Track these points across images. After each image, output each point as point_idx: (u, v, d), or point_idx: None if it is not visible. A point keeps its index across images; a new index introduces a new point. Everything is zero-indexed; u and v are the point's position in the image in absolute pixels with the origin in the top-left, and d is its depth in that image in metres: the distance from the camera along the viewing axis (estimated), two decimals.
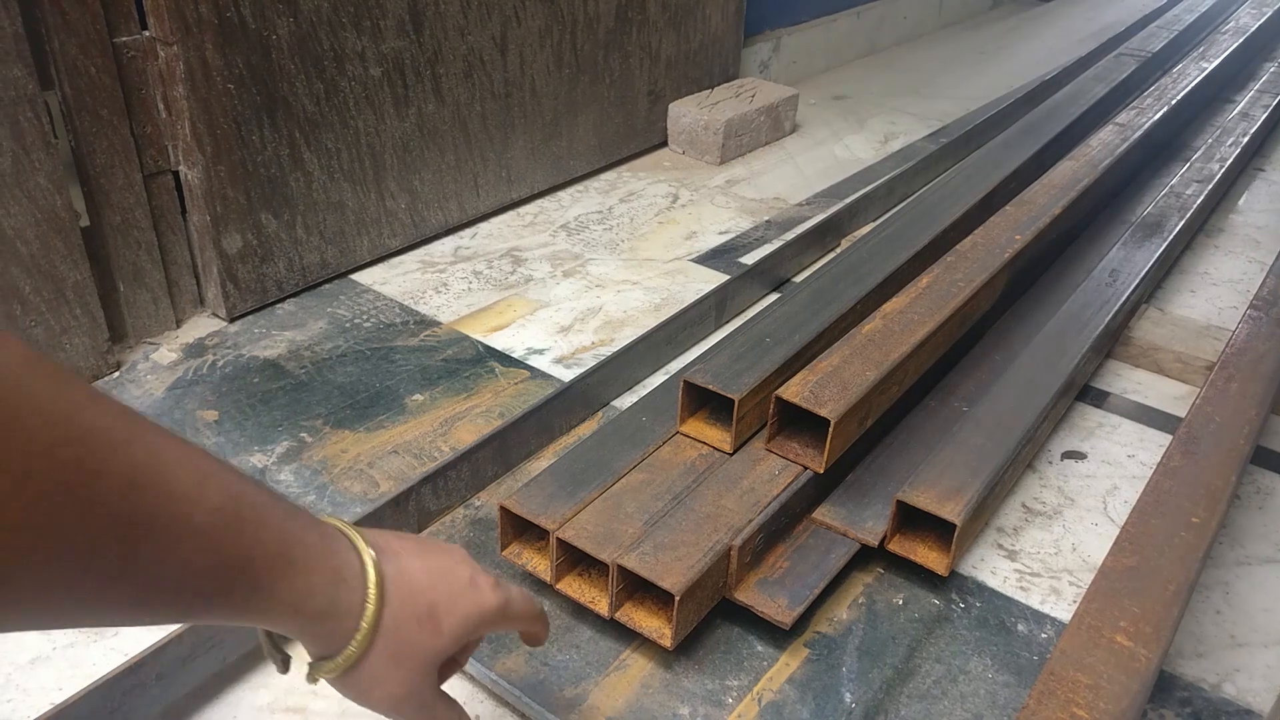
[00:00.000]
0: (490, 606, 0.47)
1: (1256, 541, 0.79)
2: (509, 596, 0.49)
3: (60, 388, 0.30)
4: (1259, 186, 1.47)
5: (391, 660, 0.43)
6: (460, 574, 0.47)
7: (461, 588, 0.46)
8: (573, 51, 1.31)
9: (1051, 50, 2.19)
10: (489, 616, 0.47)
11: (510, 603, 0.48)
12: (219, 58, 0.92)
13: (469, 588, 0.47)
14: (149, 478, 0.32)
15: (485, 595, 0.47)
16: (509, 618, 0.49)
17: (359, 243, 1.13)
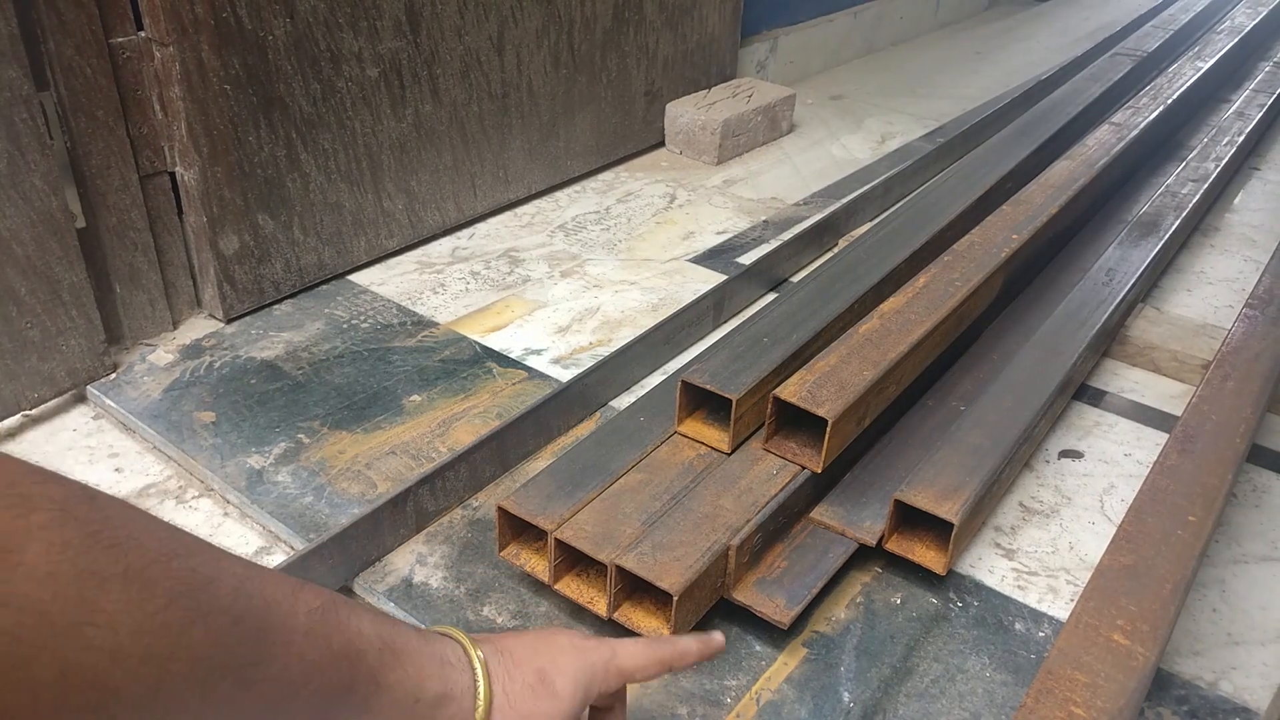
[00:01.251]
0: (598, 658, 0.49)
1: (1253, 540, 0.79)
2: (614, 647, 0.50)
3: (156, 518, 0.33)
4: (1255, 185, 1.48)
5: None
6: (560, 640, 0.49)
7: (564, 648, 0.48)
8: (570, 52, 1.31)
9: (1047, 50, 2.19)
10: (599, 666, 0.49)
11: (618, 651, 0.50)
12: (215, 59, 0.92)
13: (571, 648, 0.49)
14: (252, 584, 0.35)
15: (590, 651, 0.49)
16: (623, 670, 0.50)
17: (356, 243, 1.13)
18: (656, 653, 0.52)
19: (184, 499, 0.80)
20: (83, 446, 0.86)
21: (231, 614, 0.33)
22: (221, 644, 0.32)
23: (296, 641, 0.36)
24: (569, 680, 0.47)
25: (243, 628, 0.34)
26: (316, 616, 0.37)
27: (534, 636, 0.49)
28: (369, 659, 0.39)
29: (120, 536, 0.30)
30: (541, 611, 0.69)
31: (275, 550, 0.75)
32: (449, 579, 0.72)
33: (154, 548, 0.31)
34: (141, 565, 0.30)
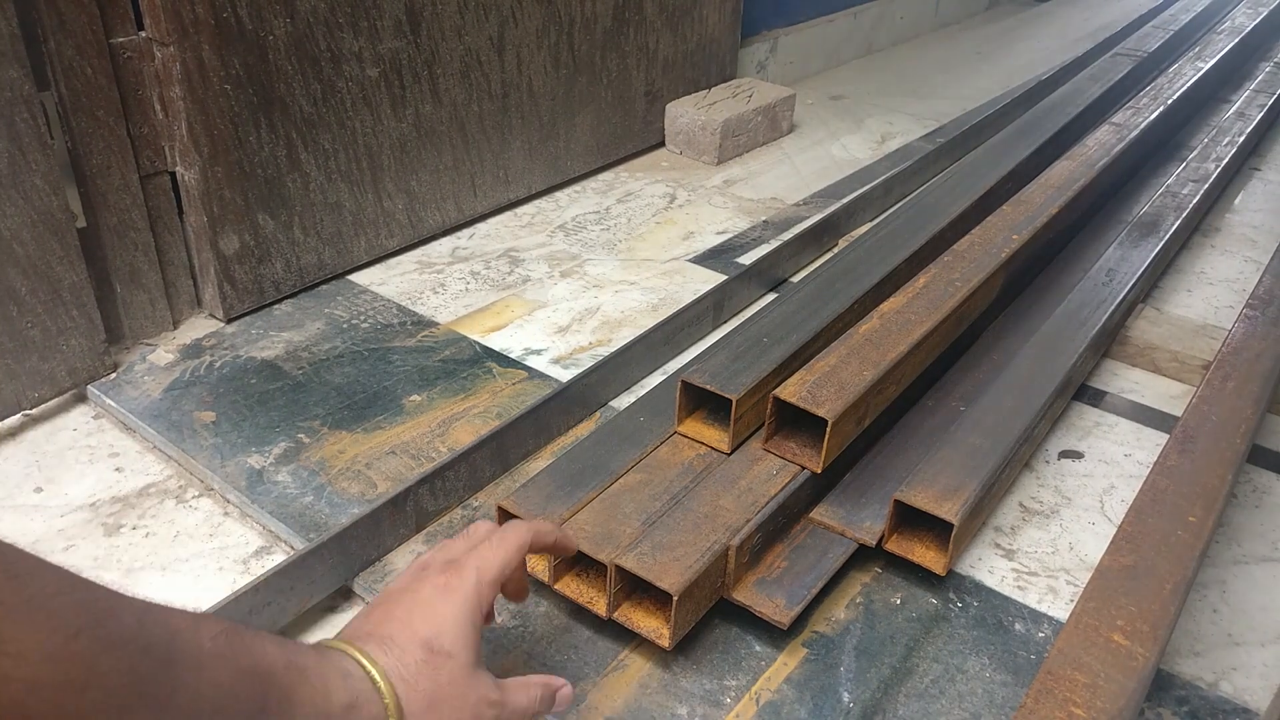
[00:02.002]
0: (468, 591, 0.50)
1: (1253, 540, 0.79)
2: (475, 566, 0.51)
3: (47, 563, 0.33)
4: (1255, 186, 1.48)
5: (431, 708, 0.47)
6: (423, 593, 0.50)
7: (431, 604, 0.49)
8: (570, 52, 1.31)
9: (1048, 50, 2.19)
10: (472, 599, 0.50)
11: (479, 568, 0.51)
12: (216, 58, 0.92)
13: (439, 597, 0.50)
14: (152, 617, 0.35)
15: (455, 586, 0.50)
16: (494, 579, 0.52)
17: (356, 243, 1.13)
18: (509, 547, 0.54)
19: (184, 499, 0.80)
20: (83, 446, 0.86)
21: (138, 643, 0.34)
22: (133, 672, 0.33)
23: (206, 666, 0.37)
24: (452, 632, 0.48)
25: (151, 656, 0.34)
26: (221, 640, 0.38)
27: (404, 610, 0.49)
28: (279, 678, 0.40)
29: (19, 569, 0.30)
30: (541, 611, 0.69)
31: (275, 550, 0.75)
32: None
33: (53, 581, 0.31)
34: (44, 596, 0.30)
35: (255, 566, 0.74)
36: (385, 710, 0.45)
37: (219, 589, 0.71)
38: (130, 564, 0.73)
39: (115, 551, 0.74)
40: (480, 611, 0.51)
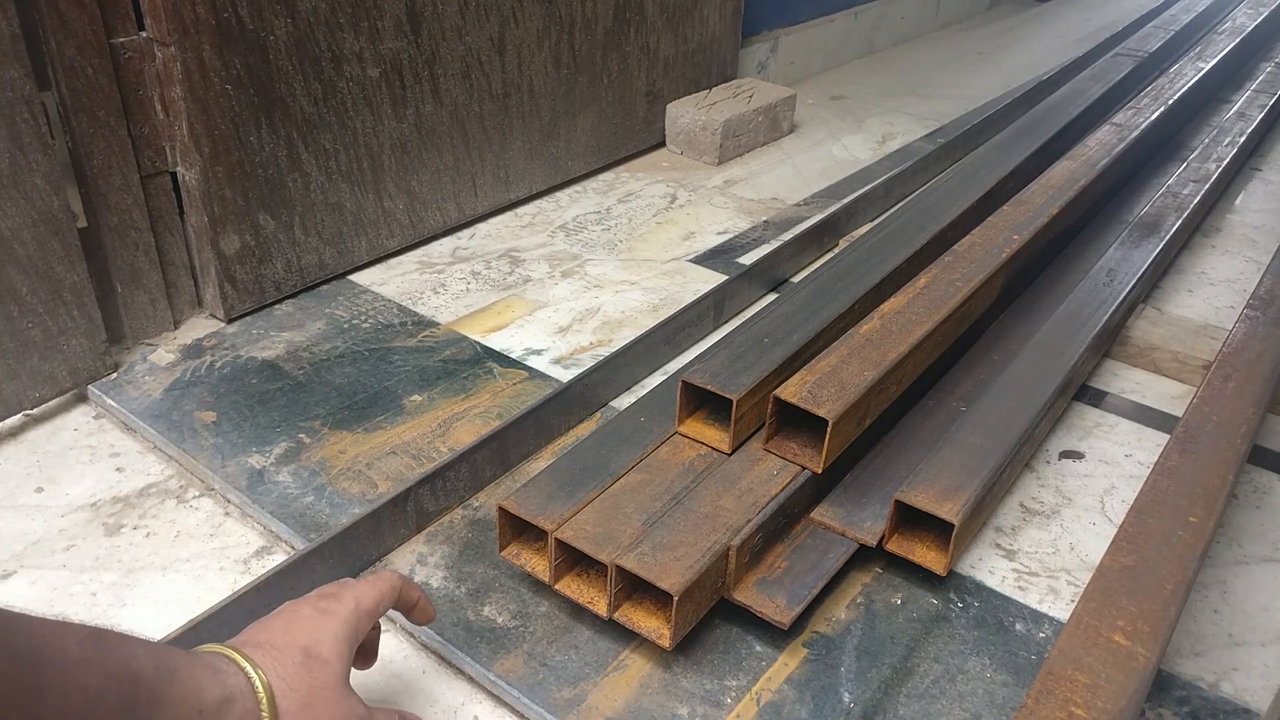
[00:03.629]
0: (346, 614, 0.52)
1: (1254, 540, 0.79)
2: (354, 595, 0.53)
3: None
4: (1256, 186, 1.48)
5: (304, 709, 0.48)
6: (304, 611, 0.52)
7: (311, 619, 0.51)
8: (570, 52, 1.31)
9: (1048, 51, 2.19)
10: (350, 621, 0.52)
11: (358, 598, 0.53)
12: (216, 59, 0.92)
13: (319, 616, 0.51)
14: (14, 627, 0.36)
15: (335, 610, 0.52)
16: (370, 610, 0.54)
17: (357, 243, 1.13)
18: (383, 586, 0.56)
19: (184, 499, 0.80)
20: (84, 446, 0.86)
21: (5, 650, 0.34)
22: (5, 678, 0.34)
23: (73, 670, 0.37)
24: (330, 643, 0.50)
25: (18, 664, 0.35)
26: (88, 646, 0.39)
27: (282, 622, 0.51)
28: (147, 678, 0.41)
29: None
30: (542, 611, 0.69)
31: (276, 550, 0.75)
32: (449, 579, 0.72)
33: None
34: None
35: (256, 566, 0.74)
36: (259, 704, 0.46)
37: (220, 589, 0.71)
38: (131, 564, 0.73)
39: (116, 551, 0.74)
40: (356, 636, 0.52)
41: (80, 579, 0.72)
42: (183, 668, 0.44)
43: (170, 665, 0.43)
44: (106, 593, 0.71)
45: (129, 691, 0.40)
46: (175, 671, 0.43)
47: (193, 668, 0.44)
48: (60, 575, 0.72)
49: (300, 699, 0.48)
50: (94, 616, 0.69)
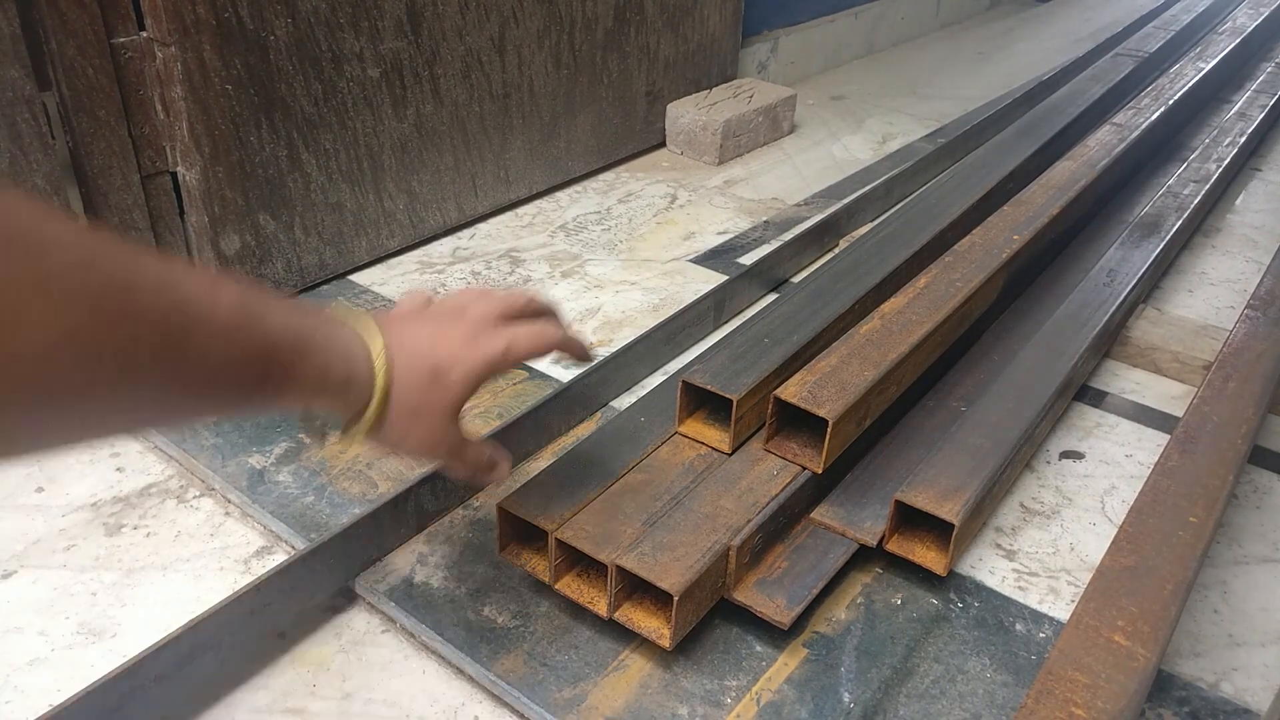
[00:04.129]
0: (493, 355, 0.54)
1: (1254, 541, 0.79)
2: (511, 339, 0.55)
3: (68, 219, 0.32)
4: (1256, 186, 1.48)
5: (409, 415, 0.50)
6: (457, 334, 0.53)
7: (460, 346, 0.53)
8: (571, 52, 1.31)
9: (1049, 51, 2.19)
10: (493, 364, 0.54)
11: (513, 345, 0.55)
12: (217, 59, 0.92)
13: (468, 344, 0.53)
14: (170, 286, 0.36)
15: (485, 347, 0.53)
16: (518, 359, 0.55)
17: (357, 243, 1.13)
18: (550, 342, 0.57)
19: (185, 498, 0.80)
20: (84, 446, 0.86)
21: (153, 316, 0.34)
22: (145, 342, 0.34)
23: (216, 339, 0.38)
24: (460, 374, 0.52)
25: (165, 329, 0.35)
26: (235, 313, 0.39)
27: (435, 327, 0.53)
28: (282, 354, 0.42)
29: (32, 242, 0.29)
30: (542, 611, 0.69)
31: (276, 550, 0.75)
32: (450, 579, 0.72)
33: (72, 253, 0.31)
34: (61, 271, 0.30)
35: (256, 566, 0.74)
36: (371, 398, 0.48)
37: (220, 589, 0.71)
38: (131, 564, 0.73)
39: (116, 551, 0.74)
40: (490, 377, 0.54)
41: (80, 579, 0.72)
42: (318, 347, 0.45)
43: (306, 341, 0.44)
44: (107, 593, 0.71)
45: (264, 364, 0.41)
46: (309, 347, 0.44)
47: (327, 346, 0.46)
48: (60, 575, 0.72)
49: (410, 407, 0.50)
50: (94, 616, 0.69)
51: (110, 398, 0.33)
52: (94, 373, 0.32)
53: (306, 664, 0.66)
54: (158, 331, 0.35)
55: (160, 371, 0.35)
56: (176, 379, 0.36)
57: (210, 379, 0.38)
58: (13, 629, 0.67)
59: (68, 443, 0.34)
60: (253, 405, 0.42)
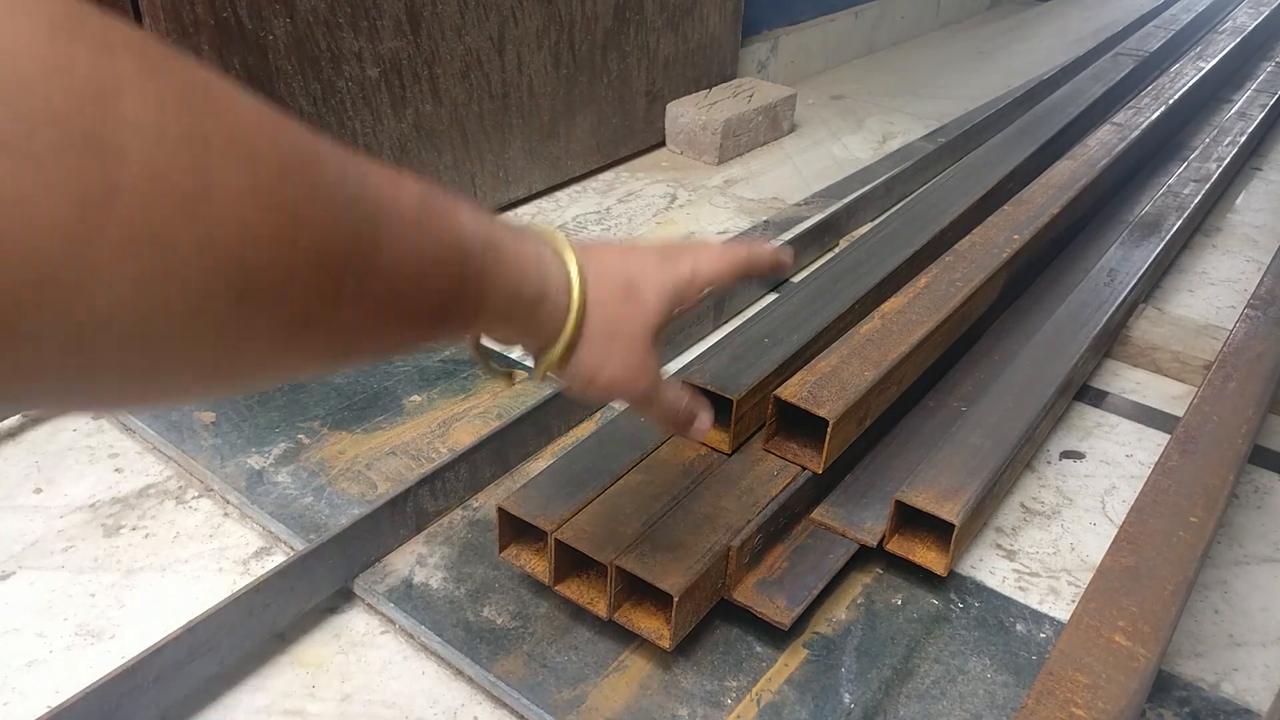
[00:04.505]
0: (684, 274, 0.49)
1: (1254, 541, 0.79)
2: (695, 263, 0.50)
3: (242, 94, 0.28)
4: (1256, 186, 1.47)
5: (606, 337, 0.45)
6: (649, 254, 0.49)
7: (655, 263, 0.48)
8: (570, 52, 1.31)
9: (1049, 50, 2.19)
10: (684, 281, 0.49)
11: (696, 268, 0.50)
12: (216, 58, 0.92)
13: (662, 261, 0.48)
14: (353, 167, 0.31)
15: (677, 265, 0.49)
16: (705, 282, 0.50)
17: None
18: (732, 261, 0.52)
19: (184, 499, 0.80)
20: (83, 447, 0.86)
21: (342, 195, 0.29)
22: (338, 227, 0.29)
23: (408, 233, 0.33)
24: (655, 291, 0.47)
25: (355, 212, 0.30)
26: (424, 206, 0.34)
27: (621, 251, 0.48)
28: (475, 256, 0.37)
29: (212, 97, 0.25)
30: (541, 613, 0.69)
31: (275, 551, 0.75)
32: (449, 580, 0.72)
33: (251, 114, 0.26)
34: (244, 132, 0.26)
35: (255, 567, 0.74)
36: (568, 312, 0.43)
37: (219, 590, 0.71)
38: (130, 565, 0.73)
39: (115, 552, 0.74)
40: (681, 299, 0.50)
41: (79, 580, 0.72)
42: (509, 252, 0.40)
43: (498, 246, 0.39)
44: (105, 594, 0.71)
45: (459, 265, 0.36)
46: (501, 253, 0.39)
47: (520, 254, 0.40)
48: (59, 576, 0.72)
49: (607, 327, 0.45)
50: (92, 618, 0.68)
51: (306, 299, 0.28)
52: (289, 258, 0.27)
53: (305, 665, 0.66)
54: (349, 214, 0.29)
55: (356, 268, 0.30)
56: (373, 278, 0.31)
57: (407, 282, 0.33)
58: (11, 630, 0.67)
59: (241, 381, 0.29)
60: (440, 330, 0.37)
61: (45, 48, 0.21)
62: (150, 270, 0.23)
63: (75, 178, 0.22)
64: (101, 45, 0.23)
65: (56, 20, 0.22)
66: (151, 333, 0.24)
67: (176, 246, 0.24)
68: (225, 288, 0.25)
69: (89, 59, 0.22)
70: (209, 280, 0.25)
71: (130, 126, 0.23)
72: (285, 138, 0.27)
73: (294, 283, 0.27)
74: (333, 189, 0.29)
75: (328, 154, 0.29)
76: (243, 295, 0.26)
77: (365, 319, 0.32)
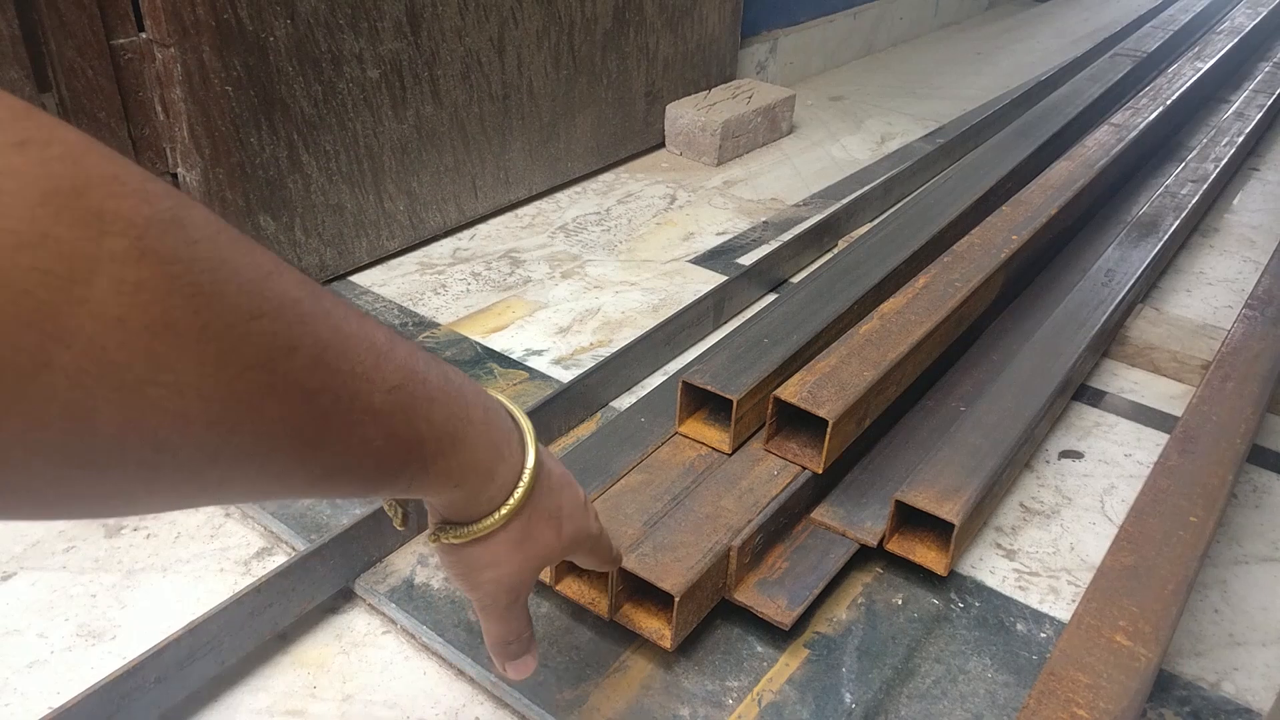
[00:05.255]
0: (594, 531, 0.51)
1: (1253, 540, 0.79)
2: (601, 529, 0.53)
3: (251, 254, 0.28)
4: (1254, 186, 1.48)
5: (515, 545, 0.45)
6: (578, 492, 0.50)
7: (580, 504, 0.49)
8: (570, 53, 1.31)
9: (1047, 51, 2.20)
10: (589, 539, 0.50)
11: (601, 536, 0.52)
12: (216, 60, 0.92)
13: (584, 507, 0.50)
14: (333, 355, 0.30)
15: (592, 520, 0.51)
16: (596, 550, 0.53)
17: (358, 244, 1.13)
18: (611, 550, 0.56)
19: None
20: None
21: (306, 389, 0.29)
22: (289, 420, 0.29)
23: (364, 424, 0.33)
24: (572, 530, 0.48)
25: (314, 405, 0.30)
26: (392, 398, 0.34)
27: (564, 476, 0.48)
28: (427, 447, 0.37)
29: (204, 283, 0.25)
30: (543, 612, 0.69)
31: (276, 551, 0.75)
32: (450, 580, 0.72)
33: (238, 303, 0.26)
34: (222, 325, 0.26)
35: (256, 568, 0.74)
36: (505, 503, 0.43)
37: (220, 590, 0.71)
38: (131, 565, 0.73)
39: (116, 553, 0.74)
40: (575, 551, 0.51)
41: (80, 580, 0.72)
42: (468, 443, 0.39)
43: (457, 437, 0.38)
44: (106, 594, 0.71)
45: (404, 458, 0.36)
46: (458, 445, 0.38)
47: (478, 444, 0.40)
48: (60, 577, 0.72)
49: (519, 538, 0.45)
50: (93, 618, 0.69)
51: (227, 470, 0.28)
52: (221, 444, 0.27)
53: (307, 665, 0.66)
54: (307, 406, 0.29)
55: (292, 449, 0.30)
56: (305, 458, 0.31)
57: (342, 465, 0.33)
58: (12, 631, 0.67)
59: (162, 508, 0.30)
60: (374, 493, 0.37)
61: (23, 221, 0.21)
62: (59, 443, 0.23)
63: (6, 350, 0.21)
64: (94, 221, 0.22)
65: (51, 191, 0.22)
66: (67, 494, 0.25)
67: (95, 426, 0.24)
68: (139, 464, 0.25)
69: (71, 237, 0.22)
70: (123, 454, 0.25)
71: (91, 312, 0.22)
72: (265, 326, 0.27)
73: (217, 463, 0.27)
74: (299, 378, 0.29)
75: (308, 342, 0.29)
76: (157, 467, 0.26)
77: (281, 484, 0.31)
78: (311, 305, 0.30)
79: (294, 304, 0.29)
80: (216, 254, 0.26)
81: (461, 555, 0.45)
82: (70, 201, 0.22)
